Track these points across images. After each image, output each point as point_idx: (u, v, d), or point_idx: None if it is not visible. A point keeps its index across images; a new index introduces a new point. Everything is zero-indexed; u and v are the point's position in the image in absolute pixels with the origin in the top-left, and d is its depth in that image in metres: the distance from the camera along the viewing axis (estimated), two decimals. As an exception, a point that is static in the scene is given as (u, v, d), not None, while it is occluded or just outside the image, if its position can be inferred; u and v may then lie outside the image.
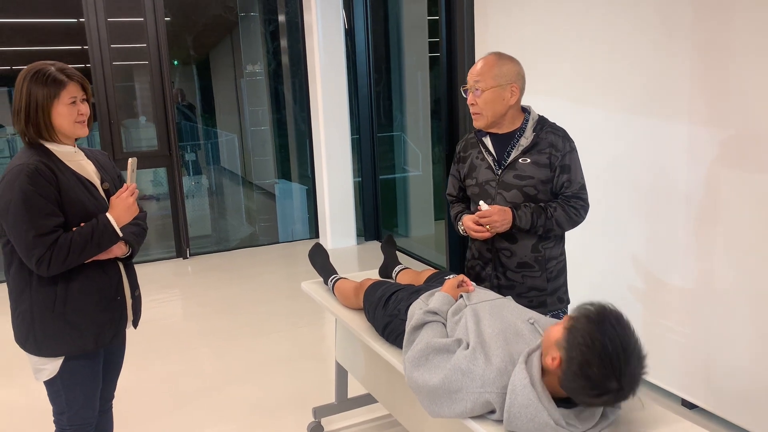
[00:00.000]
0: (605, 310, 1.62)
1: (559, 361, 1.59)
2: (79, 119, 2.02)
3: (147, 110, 6.60)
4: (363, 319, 2.49)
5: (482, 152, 2.41)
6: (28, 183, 1.89)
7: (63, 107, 1.98)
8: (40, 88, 1.95)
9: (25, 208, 1.89)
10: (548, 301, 2.41)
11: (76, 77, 2.01)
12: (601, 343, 1.53)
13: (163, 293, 5.36)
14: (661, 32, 2.94)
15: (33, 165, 1.91)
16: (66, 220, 1.97)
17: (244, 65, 7.89)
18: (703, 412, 3.05)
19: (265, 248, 6.79)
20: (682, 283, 3.01)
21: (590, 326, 1.57)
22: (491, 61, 2.30)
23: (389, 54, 6.58)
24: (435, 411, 1.78)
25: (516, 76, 2.30)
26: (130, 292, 2.20)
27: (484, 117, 2.33)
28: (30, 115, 1.96)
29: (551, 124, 2.38)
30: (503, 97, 2.29)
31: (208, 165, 8.50)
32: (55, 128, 2.00)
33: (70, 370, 2.07)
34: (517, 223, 2.27)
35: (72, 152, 2.07)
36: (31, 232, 1.90)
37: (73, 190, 1.99)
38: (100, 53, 5.80)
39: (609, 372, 1.52)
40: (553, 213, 2.28)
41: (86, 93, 2.05)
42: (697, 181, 2.87)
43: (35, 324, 2.01)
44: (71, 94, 1.99)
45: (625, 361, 1.53)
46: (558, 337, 1.62)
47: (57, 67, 1.99)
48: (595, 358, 1.53)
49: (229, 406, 3.37)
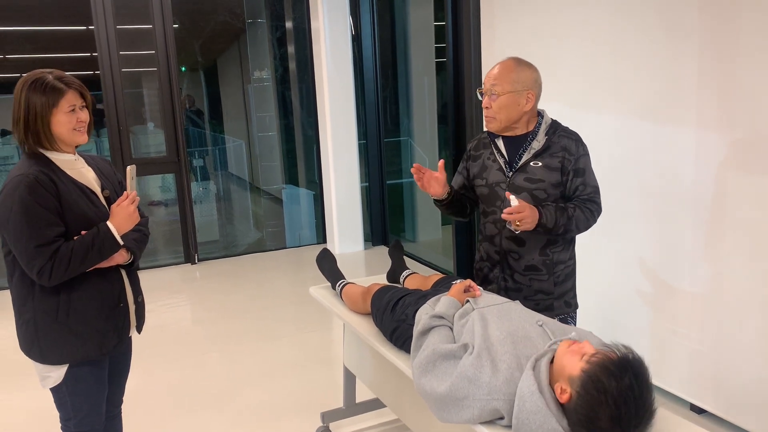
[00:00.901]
0: (627, 362, 1.54)
1: (568, 398, 1.57)
2: (78, 126, 2.01)
3: (155, 116, 6.64)
4: (371, 323, 2.49)
5: (494, 153, 2.40)
6: (28, 193, 1.89)
7: (62, 115, 1.97)
8: (39, 97, 1.94)
9: (26, 218, 1.89)
10: (555, 304, 2.40)
11: (75, 85, 2.00)
12: (616, 403, 1.48)
13: (172, 299, 5.37)
14: (667, 34, 2.93)
15: (32, 175, 1.91)
16: (67, 229, 1.97)
17: (252, 71, 7.92)
18: (711, 416, 3.03)
19: (272, 253, 6.80)
20: (691, 287, 3.00)
21: (608, 380, 1.50)
22: (509, 66, 2.29)
23: (396, 59, 6.59)
24: (443, 417, 1.77)
25: (533, 83, 2.29)
26: (133, 298, 2.20)
27: (498, 121, 2.33)
28: (29, 124, 1.95)
29: (564, 128, 2.36)
30: (518, 103, 2.28)
31: (215, 171, 8.53)
32: (54, 136, 1.99)
33: (74, 377, 2.08)
34: (543, 221, 2.22)
35: (72, 160, 2.06)
36: (32, 243, 1.90)
37: (73, 199, 1.99)
38: (109, 60, 5.84)
39: (616, 431, 1.50)
40: (573, 213, 2.27)
41: (85, 100, 2.04)
42: (706, 184, 2.86)
43: (39, 332, 2.01)
44: (70, 102, 1.98)
45: (635, 424, 1.50)
46: (572, 375, 1.57)
47: (55, 75, 1.98)
48: (605, 415, 1.49)
49: (238, 410, 3.37)
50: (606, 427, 1.49)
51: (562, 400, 1.59)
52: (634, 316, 3.30)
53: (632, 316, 3.31)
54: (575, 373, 1.57)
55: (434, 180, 2.41)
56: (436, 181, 2.41)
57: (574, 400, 1.55)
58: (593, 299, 3.37)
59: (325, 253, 3.04)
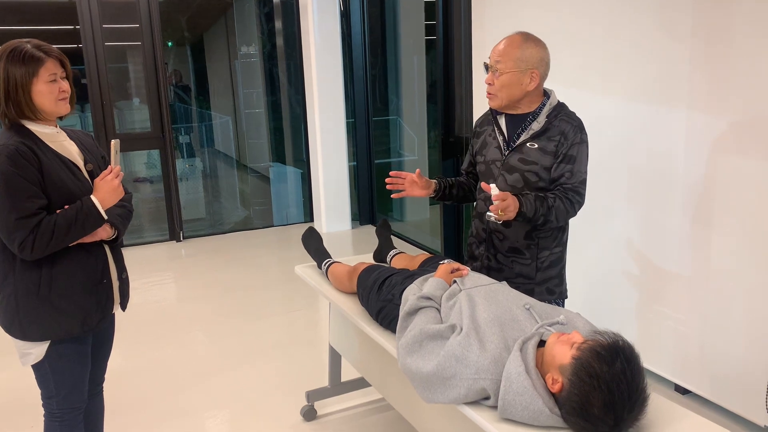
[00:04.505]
0: (617, 347, 1.52)
1: (560, 387, 1.56)
2: (60, 96, 1.97)
3: (140, 92, 6.54)
4: (357, 303, 2.48)
5: (495, 131, 2.36)
6: (9, 164, 1.85)
7: (43, 85, 1.93)
8: (18, 67, 1.89)
9: (7, 190, 1.85)
10: (536, 290, 2.36)
11: (54, 53, 1.95)
12: (608, 388, 1.46)
13: (156, 276, 5.33)
14: (660, 17, 2.90)
15: (13, 146, 1.87)
16: (49, 202, 1.93)
17: (239, 47, 7.81)
18: (696, 397, 3.06)
19: (259, 232, 6.76)
20: (678, 269, 3.00)
21: (600, 365, 1.49)
22: (515, 42, 2.21)
23: (385, 36, 6.52)
24: (429, 397, 1.76)
25: (538, 62, 2.20)
26: (117, 274, 2.17)
27: (499, 99, 2.26)
28: (10, 95, 1.90)
29: (568, 112, 2.28)
30: (521, 82, 2.21)
31: (202, 147, 8.46)
32: (36, 107, 1.95)
33: (57, 354, 2.04)
34: (522, 210, 2.14)
35: (54, 133, 2.02)
36: (13, 215, 1.85)
37: (55, 172, 1.94)
38: (92, 33, 5.72)
39: (609, 417, 1.48)
40: (553, 203, 2.19)
41: (66, 69, 2.00)
42: (695, 168, 2.85)
43: (19, 308, 1.98)
44: (50, 71, 1.93)
45: (629, 409, 1.49)
46: (563, 363, 1.56)
47: (33, 44, 1.93)
48: (598, 400, 1.47)
49: (222, 390, 3.36)
50: (599, 414, 1.48)
51: (555, 389, 1.57)
52: (622, 297, 3.31)
53: (619, 297, 3.32)
54: (566, 361, 1.55)
55: (413, 184, 2.40)
56: (416, 185, 2.40)
57: (567, 388, 1.54)
58: (581, 280, 3.37)
59: (311, 231, 3.01)
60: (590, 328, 1.82)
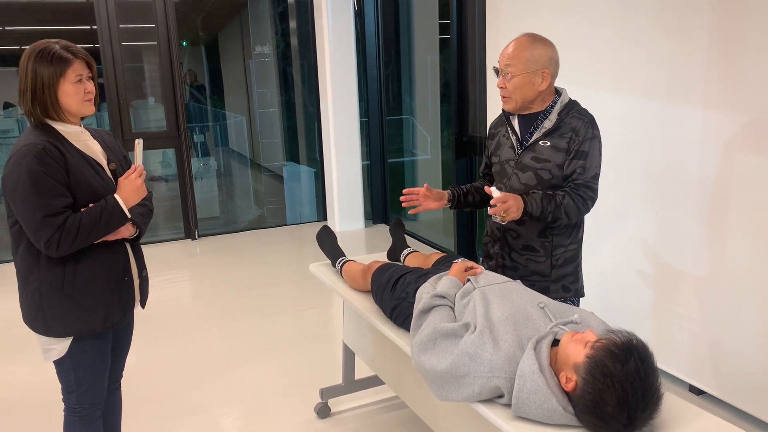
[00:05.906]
0: (631, 346, 1.53)
1: (574, 386, 1.57)
2: (86, 98, 2.00)
3: (156, 91, 6.59)
4: (370, 301, 2.49)
5: (508, 131, 2.38)
6: (36, 163, 1.88)
7: (69, 86, 1.96)
8: (46, 67, 1.92)
9: (34, 188, 1.88)
10: (551, 288, 2.36)
11: (81, 55, 1.99)
12: (622, 386, 1.47)
13: (172, 274, 5.38)
14: (674, 17, 2.89)
15: (40, 145, 1.90)
16: (74, 201, 1.96)
17: (253, 46, 7.85)
18: (710, 398, 3.04)
19: (272, 230, 6.80)
20: (693, 269, 2.99)
21: (613, 363, 1.49)
22: (523, 44, 2.23)
23: (399, 36, 6.52)
24: (443, 395, 1.77)
25: (548, 61, 2.23)
26: (137, 272, 2.20)
27: (513, 101, 2.29)
28: (36, 94, 1.93)
29: (580, 108, 2.30)
30: (533, 83, 2.23)
31: (216, 147, 8.51)
32: (62, 107, 1.98)
33: (78, 350, 2.08)
34: (528, 210, 2.17)
35: (78, 132, 2.05)
36: (40, 213, 1.89)
37: (80, 171, 1.97)
38: (108, 33, 5.78)
39: (623, 416, 1.48)
40: (562, 201, 2.20)
41: (92, 71, 2.03)
42: (710, 167, 2.84)
43: (43, 304, 2.01)
44: (77, 71, 1.96)
45: (642, 408, 1.49)
46: (577, 362, 1.57)
47: (61, 45, 1.96)
48: (612, 399, 1.48)
49: (237, 386, 3.39)
50: (613, 412, 1.48)
51: (568, 388, 1.58)
52: (635, 296, 3.31)
53: (633, 296, 3.32)
54: (580, 360, 1.56)
55: (426, 197, 2.42)
56: (428, 198, 2.42)
57: (580, 386, 1.54)
58: (595, 280, 3.36)
59: (325, 230, 3.04)
60: (604, 327, 1.82)
